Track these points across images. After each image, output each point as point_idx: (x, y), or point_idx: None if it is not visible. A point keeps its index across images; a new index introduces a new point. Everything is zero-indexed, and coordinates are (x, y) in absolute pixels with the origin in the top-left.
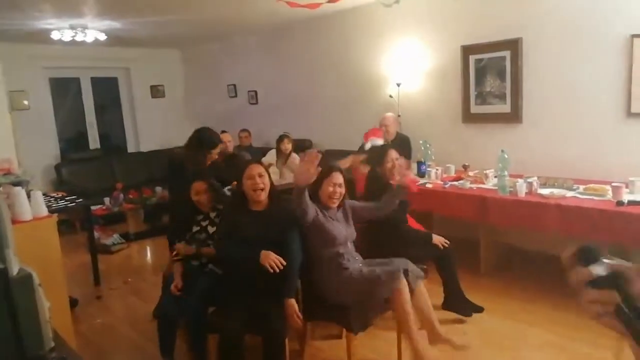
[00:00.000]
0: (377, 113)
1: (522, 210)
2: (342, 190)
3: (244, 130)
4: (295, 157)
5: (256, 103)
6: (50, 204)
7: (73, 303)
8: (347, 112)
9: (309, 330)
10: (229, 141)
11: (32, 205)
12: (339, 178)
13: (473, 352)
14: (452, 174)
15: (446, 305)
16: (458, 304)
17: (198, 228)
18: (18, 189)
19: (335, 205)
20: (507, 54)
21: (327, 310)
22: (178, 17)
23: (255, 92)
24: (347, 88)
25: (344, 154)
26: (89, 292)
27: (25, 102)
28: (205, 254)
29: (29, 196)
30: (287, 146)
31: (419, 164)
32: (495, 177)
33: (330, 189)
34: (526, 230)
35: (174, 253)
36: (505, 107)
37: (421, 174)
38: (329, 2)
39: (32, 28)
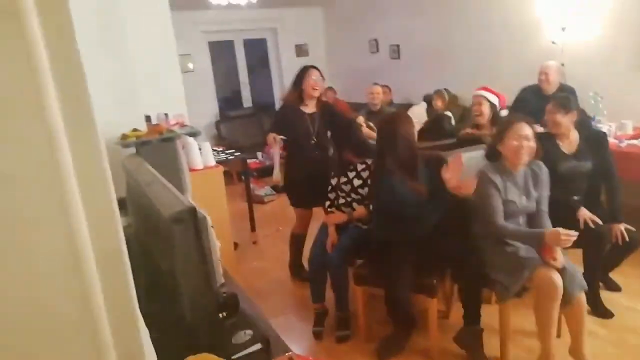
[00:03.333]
0: (534, 62)
1: None
2: (532, 144)
3: (384, 86)
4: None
5: (398, 58)
6: (214, 156)
7: (234, 246)
8: (497, 64)
9: (455, 290)
10: (378, 93)
11: (203, 156)
12: (524, 129)
13: None
14: (630, 132)
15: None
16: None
17: (345, 179)
18: (192, 139)
19: (523, 164)
20: None
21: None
22: None
23: (398, 46)
24: (498, 35)
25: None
26: (247, 236)
27: (190, 65)
28: (357, 218)
29: (199, 147)
30: (438, 104)
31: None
32: None
33: (515, 142)
34: None
35: (329, 205)
36: None
37: None
38: None
39: None
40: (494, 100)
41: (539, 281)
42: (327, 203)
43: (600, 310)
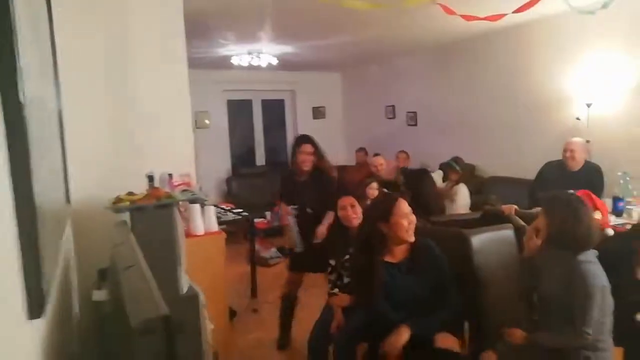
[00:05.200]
0: (557, 138)
1: None
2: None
3: (402, 152)
4: (462, 189)
5: (415, 125)
6: (219, 215)
7: (232, 314)
8: (519, 136)
9: None
10: (381, 164)
11: (205, 220)
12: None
13: None
14: None
15: None
16: None
17: (348, 257)
18: (194, 205)
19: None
20: None
21: None
22: (343, 39)
23: (415, 113)
24: (521, 109)
25: (513, 181)
26: (246, 303)
27: (207, 122)
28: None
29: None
30: (451, 177)
31: (615, 200)
32: None
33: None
34: None
35: (330, 289)
36: None
37: (617, 212)
38: (515, 12)
39: (215, 55)
40: None
41: None
42: (329, 286)
43: None
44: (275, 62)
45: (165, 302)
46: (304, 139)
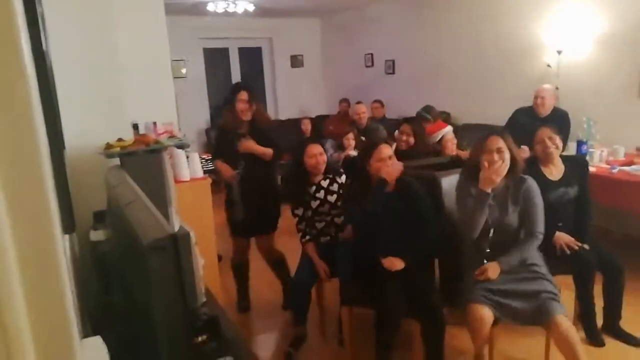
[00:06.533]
0: (529, 85)
1: None
2: (506, 157)
3: (377, 101)
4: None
5: (393, 73)
6: (201, 165)
7: (218, 259)
8: (492, 84)
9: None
10: (363, 112)
11: (190, 167)
12: (498, 142)
13: None
14: (621, 157)
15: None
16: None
17: (318, 202)
18: (179, 151)
19: (499, 178)
20: None
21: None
22: None
23: (393, 61)
24: (494, 57)
25: (486, 128)
26: (230, 247)
27: (183, 71)
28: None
29: (187, 157)
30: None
31: (579, 143)
32: None
33: (489, 156)
34: None
35: (301, 235)
36: None
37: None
38: None
39: (190, 1)
40: None
41: (470, 315)
42: (300, 234)
43: (596, 340)
44: (252, 8)
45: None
46: (241, 85)
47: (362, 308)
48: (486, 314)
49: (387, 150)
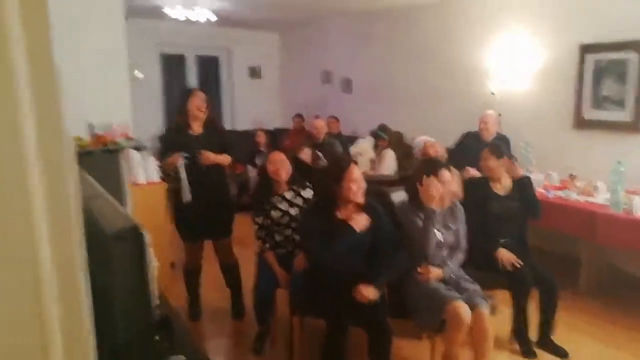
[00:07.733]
0: (474, 109)
1: (638, 231)
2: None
3: (332, 117)
4: (389, 153)
5: (350, 92)
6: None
7: (171, 265)
8: (442, 106)
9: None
10: (321, 127)
11: (146, 170)
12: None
13: None
14: (556, 183)
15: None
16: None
17: (280, 213)
18: (136, 153)
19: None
20: (632, 55)
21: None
22: None
23: (350, 80)
24: (445, 81)
25: None
26: (183, 256)
27: (139, 76)
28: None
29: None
30: (381, 143)
31: None
32: (608, 190)
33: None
34: None
35: (261, 243)
36: (624, 115)
37: None
38: None
39: (148, 4)
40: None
41: (449, 314)
42: (259, 243)
43: (529, 353)
44: (214, 18)
45: None
46: (195, 88)
47: (312, 318)
48: (464, 307)
49: (357, 171)
